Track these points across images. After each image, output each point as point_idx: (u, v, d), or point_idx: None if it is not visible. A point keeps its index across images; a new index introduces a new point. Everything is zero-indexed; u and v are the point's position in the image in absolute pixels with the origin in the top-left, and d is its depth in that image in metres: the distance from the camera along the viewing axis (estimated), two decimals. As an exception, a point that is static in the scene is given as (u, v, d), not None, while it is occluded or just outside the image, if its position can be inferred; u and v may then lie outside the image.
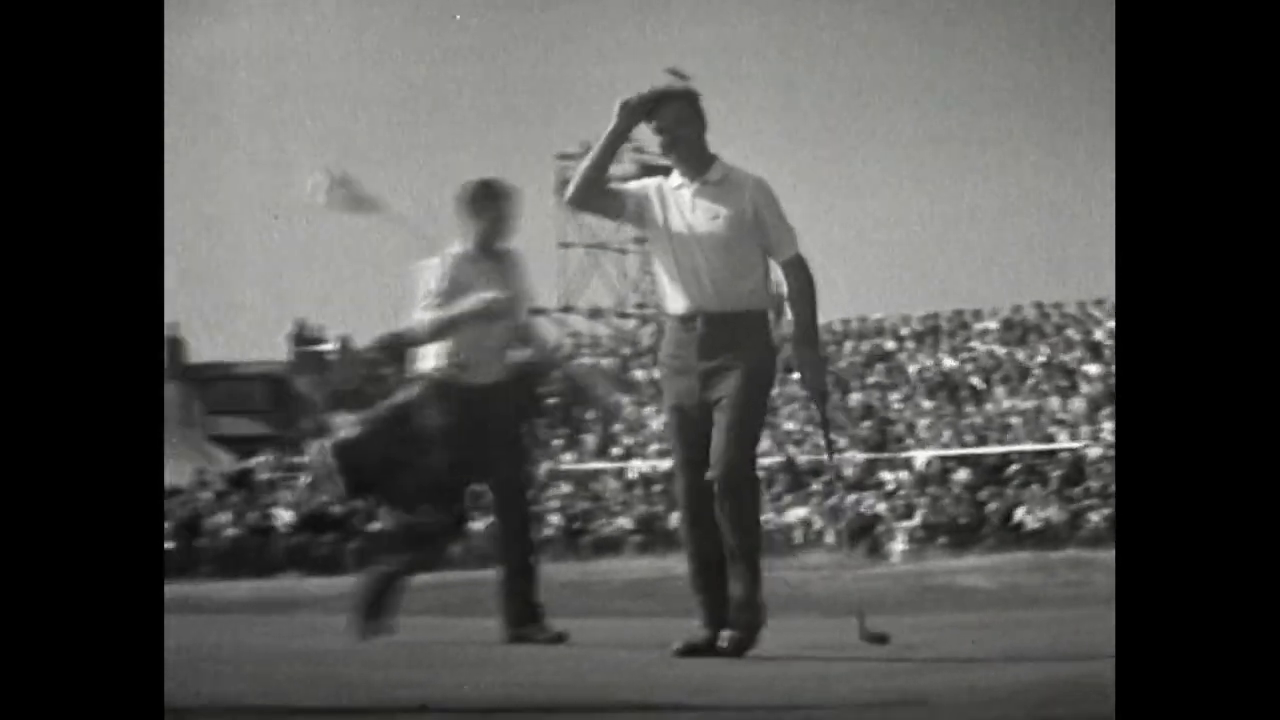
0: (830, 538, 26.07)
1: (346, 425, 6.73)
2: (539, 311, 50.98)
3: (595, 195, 5.78)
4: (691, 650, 5.58)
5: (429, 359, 6.61)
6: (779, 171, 6.66)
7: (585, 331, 46.59)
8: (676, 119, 5.73)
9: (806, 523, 27.10)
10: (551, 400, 6.93)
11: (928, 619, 8.42)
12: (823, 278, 5.84)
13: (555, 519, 29.22)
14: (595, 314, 48.03)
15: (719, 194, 5.76)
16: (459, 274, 6.54)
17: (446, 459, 6.48)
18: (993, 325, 36.20)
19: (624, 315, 50.90)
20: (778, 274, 5.96)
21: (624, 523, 28.70)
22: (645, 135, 5.93)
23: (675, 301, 5.77)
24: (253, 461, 40.91)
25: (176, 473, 35.25)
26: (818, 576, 12.47)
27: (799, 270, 5.78)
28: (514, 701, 4.12)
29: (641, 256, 53.27)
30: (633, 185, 5.90)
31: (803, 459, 30.01)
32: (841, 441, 30.59)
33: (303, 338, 59.37)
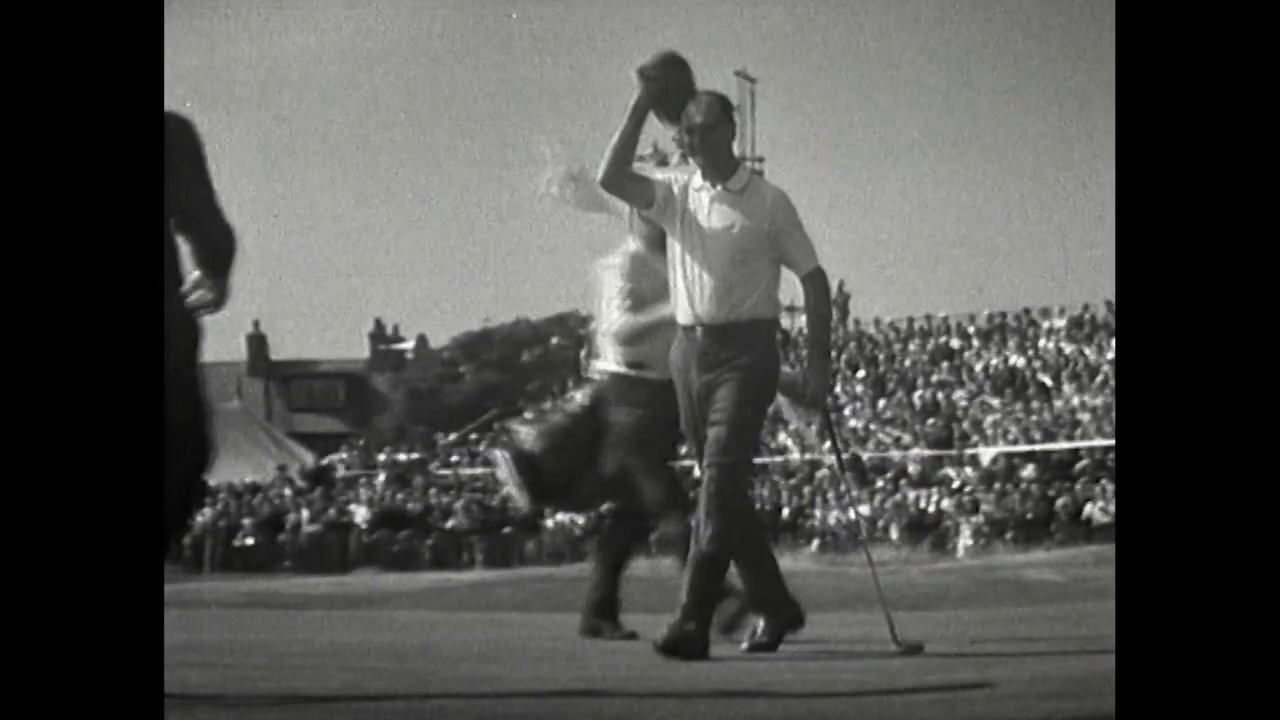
0: (895, 533, 25.98)
1: (526, 434, 6.68)
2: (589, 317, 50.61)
3: (625, 177, 5.60)
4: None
5: (609, 358, 6.55)
6: (829, 171, 6.63)
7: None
8: (706, 119, 5.58)
9: (871, 519, 27.02)
10: None
11: (994, 612, 8.40)
12: (882, 277, 5.80)
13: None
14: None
15: (739, 202, 5.61)
16: (641, 273, 6.43)
17: (627, 455, 6.42)
18: (1061, 324, 35.91)
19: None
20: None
21: (692, 520, 28.63)
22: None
23: (679, 310, 5.67)
24: (332, 458, 41.15)
25: (258, 469, 35.53)
26: (883, 571, 12.43)
27: (818, 283, 5.67)
28: (592, 690, 4.19)
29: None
30: (661, 176, 5.75)
31: (867, 456, 29.91)
32: (906, 438, 30.46)
33: (381, 337, 59.75)
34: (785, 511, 27.33)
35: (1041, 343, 36.33)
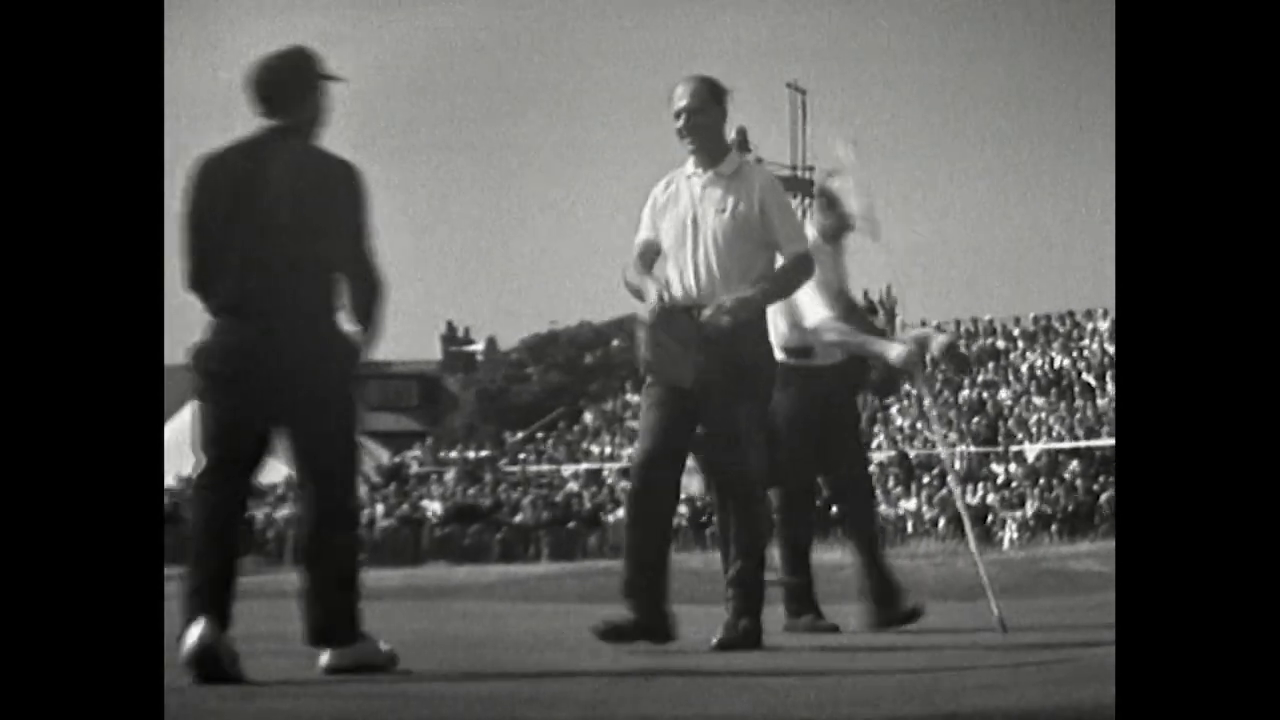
0: (942, 526, 25.84)
1: None
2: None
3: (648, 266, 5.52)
4: (616, 632, 5.34)
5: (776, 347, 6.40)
6: (879, 178, 6.65)
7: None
8: (692, 103, 5.40)
9: (918, 514, 26.89)
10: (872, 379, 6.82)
11: (1040, 602, 8.32)
12: (930, 280, 5.74)
13: (682, 509, 29.22)
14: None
15: (729, 186, 5.44)
16: (824, 260, 6.24)
17: (796, 440, 6.35)
18: (1105, 325, 35.62)
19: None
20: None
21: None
22: (768, 149, 5.87)
23: (675, 290, 5.42)
24: (406, 456, 41.30)
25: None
26: (929, 564, 12.41)
27: (799, 264, 5.47)
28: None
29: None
30: (646, 214, 5.56)
31: (914, 453, 29.77)
32: (952, 436, 30.29)
33: (453, 339, 59.85)
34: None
35: (1086, 343, 36.03)
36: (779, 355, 6.33)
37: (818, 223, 6.52)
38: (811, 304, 6.34)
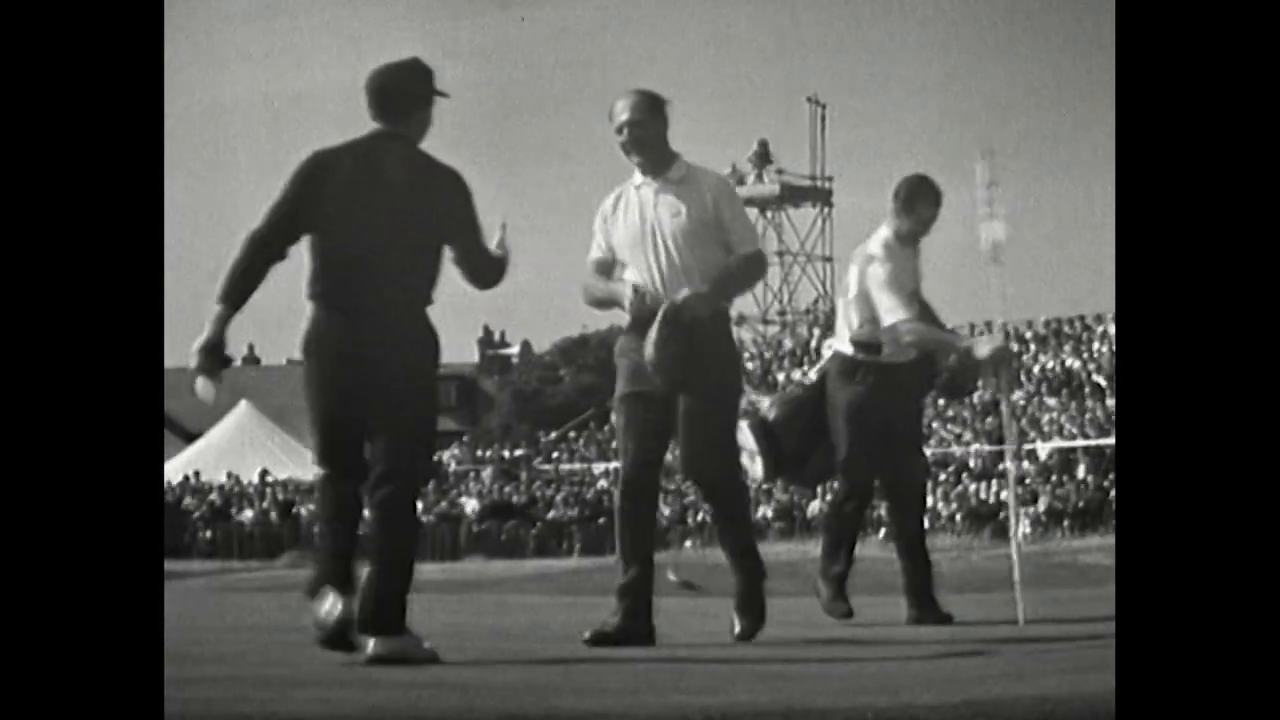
0: (959, 521, 25.79)
1: (765, 406, 6.47)
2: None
3: (603, 280, 5.45)
4: (604, 639, 5.22)
5: (842, 338, 6.38)
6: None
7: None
8: (638, 116, 5.32)
9: (933, 510, 26.84)
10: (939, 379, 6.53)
11: (1053, 594, 8.33)
12: (945, 284, 5.66)
13: (708, 506, 29.10)
14: (740, 321, 47.91)
15: (681, 191, 5.36)
16: (898, 265, 6.24)
17: (857, 433, 6.26)
18: (1113, 329, 35.49)
19: (766, 322, 50.70)
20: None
21: (766, 511, 28.61)
22: (787, 159, 5.80)
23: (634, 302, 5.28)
24: (444, 454, 41.38)
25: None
26: (945, 558, 12.40)
27: (752, 261, 5.41)
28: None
29: (781, 268, 52.98)
30: (597, 230, 5.51)
31: (930, 452, 29.69)
32: (966, 435, 30.20)
33: (489, 342, 59.97)
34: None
35: (1095, 346, 35.87)
36: (847, 349, 6.35)
37: (894, 225, 6.32)
38: (889, 304, 6.20)
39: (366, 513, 4.59)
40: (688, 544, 27.70)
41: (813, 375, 6.57)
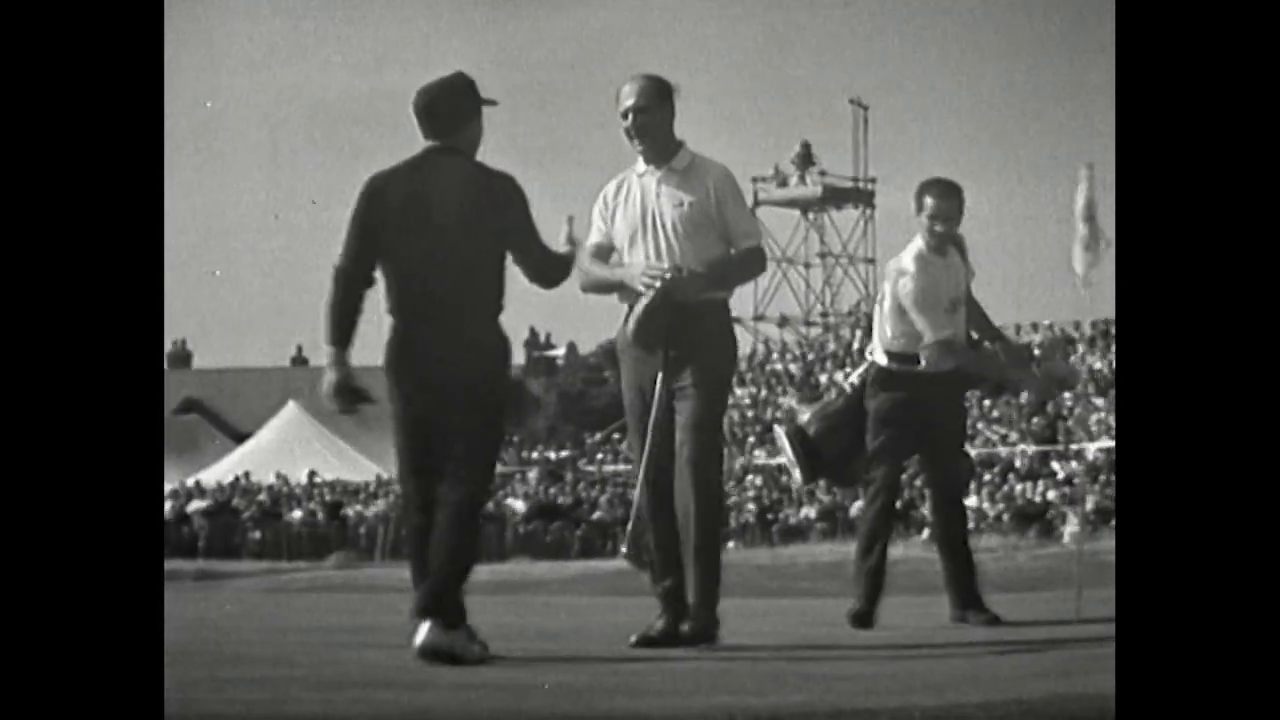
0: (1006, 521, 25.68)
1: (805, 413, 6.47)
2: (735, 320, 50.59)
3: (598, 266, 5.32)
4: (650, 642, 5.10)
5: (878, 347, 6.35)
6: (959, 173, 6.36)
7: (775, 338, 46.55)
8: (644, 102, 5.21)
9: (979, 510, 26.74)
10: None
11: (1101, 593, 8.28)
12: (993, 285, 5.54)
13: (751, 507, 29.28)
14: (784, 322, 47.92)
15: (684, 181, 5.25)
16: (931, 279, 6.18)
17: (885, 434, 6.19)
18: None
19: (809, 324, 50.69)
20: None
21: (809, 512, 28.62)
22: (830, 161, 5.64)
23: (635, 291, 5.18)
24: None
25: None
26: (991, 558, 12.34)
27: (752, 256, 5.29)
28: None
29: (824, 270, 52.93)
30: (596, 215, 5.40)
31: (975, 452, 29.58)
32: (1013, 435, 30.08)
33: (535, 344, 60.11)
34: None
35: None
36: (883, 360, 6.29)
37: (923, 235, 6.23)
38: (924, 322, 6.16)
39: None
40: (730, 544, 27.78)
41: (854, 379, 6.54)
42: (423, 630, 4.48)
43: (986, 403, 33.57)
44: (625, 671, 4.25)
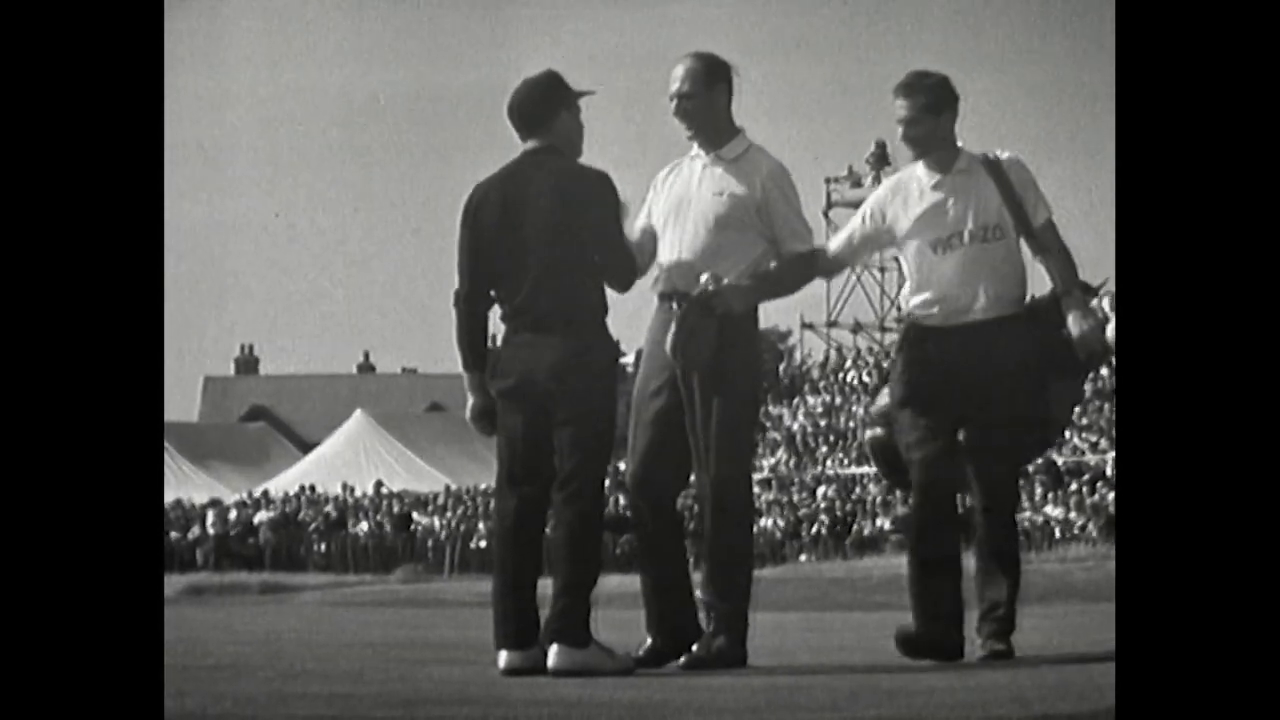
0: (1093, 531, 25.43)
1: (871, 422, 5.83)
2: (808, 326, 50.13)
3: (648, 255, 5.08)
4: (698, 663, 4.84)
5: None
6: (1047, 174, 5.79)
7: (849, 344, 46.33)
8: (689, 87, 4.99)
9: (1066, 520, 26.50)
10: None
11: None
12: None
13: (823, 519, 29.18)
14: (857, 328, 47.66)
15: (732, 171, 5.02)
16: (901, 196, 5.29)
17: (912, 420, 5.14)
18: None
19: (884, 329, 50.54)
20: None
21: (884, 523, 28.45)
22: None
23: (660, 278, 5.01)
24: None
25: (493, 475, 35.83)
26: (1079, 567, 12.23)
27: (801, 263, 5.03)
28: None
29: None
30: (649, 197, 5.16)
31: (1062, 460, 29.33)
32: (1103, 443, 29.81)
33: (603, 352, 59.96)
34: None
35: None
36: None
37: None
38: (914, 263, 5.43)
39: (550, 525, 4.75)
40: (803, 557, 27.64)
41: None
42: (554, 653, 4.56)
43: (1076, 410, 33.28)
44: (698, 689, 4.24)
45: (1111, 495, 27.49)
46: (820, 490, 31.29)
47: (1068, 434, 31.57)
